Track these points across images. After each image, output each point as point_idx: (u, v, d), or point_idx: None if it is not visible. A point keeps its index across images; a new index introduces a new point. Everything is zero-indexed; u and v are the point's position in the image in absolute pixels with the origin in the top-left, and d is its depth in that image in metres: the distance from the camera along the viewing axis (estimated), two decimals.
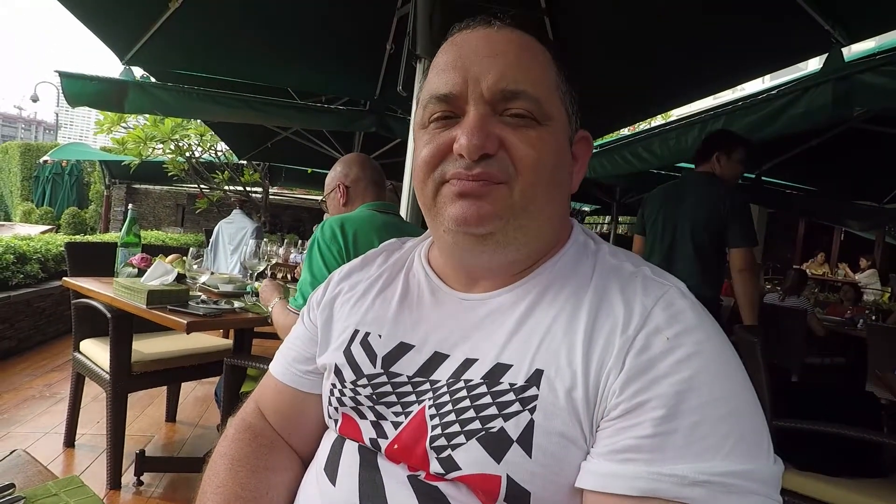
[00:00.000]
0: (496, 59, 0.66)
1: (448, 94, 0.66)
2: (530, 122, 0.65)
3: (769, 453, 0.56)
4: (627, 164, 3.48)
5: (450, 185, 0.66)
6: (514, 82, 0.65)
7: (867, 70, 2.00)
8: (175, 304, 2.08)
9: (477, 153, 0.63)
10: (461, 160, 0.65)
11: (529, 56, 0.67)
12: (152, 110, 3.85)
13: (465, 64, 0.66)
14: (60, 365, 4.09)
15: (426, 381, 0.69)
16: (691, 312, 0.62)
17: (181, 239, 9.23)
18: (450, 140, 0.66)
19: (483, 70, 0.65)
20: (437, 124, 0.68)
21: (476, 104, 0.65)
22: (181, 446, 2.91)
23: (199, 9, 3.05)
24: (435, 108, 0.68)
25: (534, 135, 0.65)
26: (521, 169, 0.65)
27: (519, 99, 0.65)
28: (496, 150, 0.64)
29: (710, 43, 2.87)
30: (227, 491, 0.74)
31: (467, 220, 0.65)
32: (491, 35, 0.68)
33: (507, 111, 0.65)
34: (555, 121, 0.67)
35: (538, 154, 0.65)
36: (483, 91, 0.65)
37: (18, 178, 16.64)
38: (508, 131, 0.65)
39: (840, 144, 4.30)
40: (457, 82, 0.66)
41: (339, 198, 2.03)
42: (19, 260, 4.50)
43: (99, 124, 7.96)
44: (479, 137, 0.63)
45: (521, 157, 0.65)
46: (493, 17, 0.70)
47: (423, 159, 0.68)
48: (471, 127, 0.64)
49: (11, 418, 3.02)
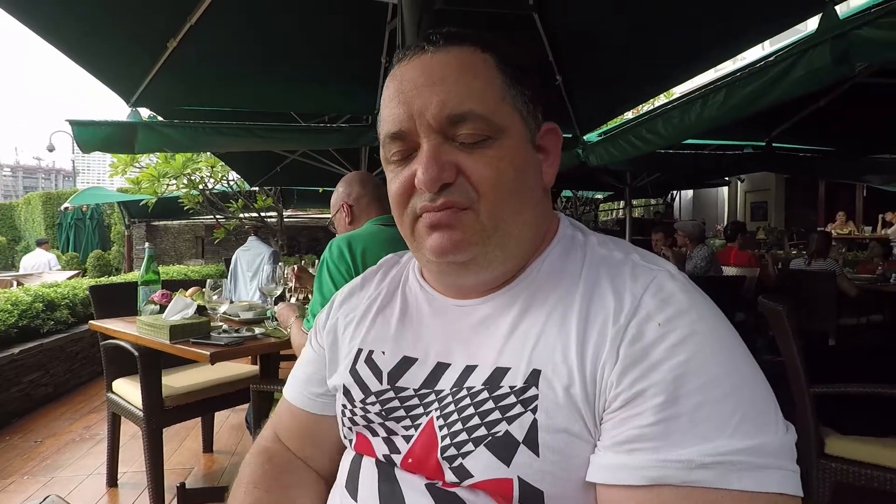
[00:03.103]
0: (435, 87, 0.65)
1: (398, 132, 0.67)
2: (484, 140, 0.65)
3: (777, 424, 0.55)
4: (634, 147, 3.44)
5: (423, 218, 0.68)
6: (458, 105, 0.65)
7: (864, 25, 1.94)
8: (198, 337, 2.12)
9: (435, 185, 0.64)
10: (425, 193, 0.66)
11: (469, 72, 0.67)
12: (162, 148, 3.91)
13: (407, 98, 0.66)
14: (97, 406, 4.18)
15: (431, 391, 0.70)
16: (682, 294, 0.61)
17: (202, 271, 9.36)
18: (411, 175, 0.67)
19: (424, 101, 0.65)
20: (397, 160, 0.70)
21: (427, 136, 0.66)
22: (220, 475, 2.95)
23: (196, 45, 3.12)
24: (392, 147, 0.69)
25: (489, 153, 0.65)
26: (483, 191, 0.65)
27: (467, 121, 0.65)
28: (454, 177, 0.65)
29: (704, 15, 2.84)
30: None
31: (444, 251, 0.66)
32: (426, 62, 0.68)
33: (457, 136, 0.65)
34: (509, 129, 0.67)
35: (496, 172, 0.65)
36: (430, 121, 0.65)
37: (42, 227, 17.09)
38: (463, 156, 0.65)
39: (849, 101, 4.20)
40: (403, 119, 0.66)
41: (345, 217, 2.06)
42: (48, 307, 4.62)
43: (113, 166, 8.16)
44: (434, 170, 0.64)
45: (480, 181, 0.65)
46: (425, 40, 0.69)
47: (393, 197, 0.70)
48: (425, 161, 0.65)
49: (54, 463, 3.10)
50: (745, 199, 13.75)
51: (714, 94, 2.64)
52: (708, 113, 2.64)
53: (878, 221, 10.75)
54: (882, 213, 10.71)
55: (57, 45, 2.93)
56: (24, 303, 4.34)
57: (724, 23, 2.86)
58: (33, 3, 2.68)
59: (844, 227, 10.94)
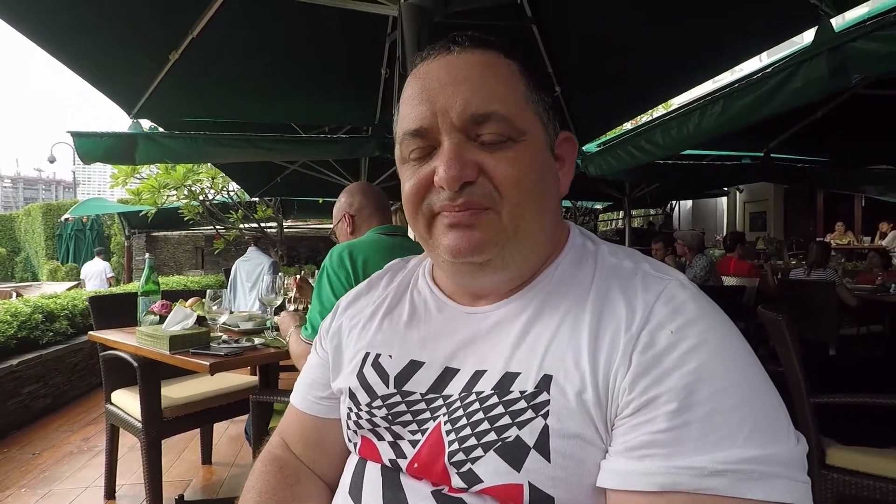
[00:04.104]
0: (460, 85, 0.65)
1: (419, 129, 0.67)
2: (505, 141, 0.66)
3: (789, 434, 0.56)
4: (632, 157, 3.46)
5: (441, 217, 0.68)
6: (482, 105, 0.65)
7: (859, 37, 1.96)
8: (197, 347, 2.11)
9: (457, 184, 0.64)
10: (444, 192, 0.65)
11: (493, 74, 0.67)
12: (162, 159, 3.93)
13: (431, 96, 0.66)
14: (96, 418, 4.16)
15: (439, 396, 0.70)
16: (693, 303, 0.62)
17: (202, 281, 9.37)
18: (430, 173, 0.67)
19: (449, 99, 0.65)
20: (416, 157, 0.69)
21: (449, 134, 0.66)
22: (219, 487, 2.93)
23: (198, 57, 3.14)
24: (411, 145, 0.69)
25: (511, 154, 0.65)
26: (505, 192, 0.65)
27: (490, 121, 0.65)
28: (476, 176, 0.65)
29: (702, 27, 2.87)
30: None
31: (461, 251, 0.66)
32: (451, 62, 0.68)
33: (480, 136, 0.65)
34: (530, 133, 0.67)
35: (518, 173, 0.65)
36: (453, 120, 0.65)
37: (42, 238, 17.13)
38: (485, 156, 0.65)
39: (846, 112, 4.23)
40: (426, 116, 0.66)
41: (346, 227, 2.07)
42: (48, 318, 4.61)
43: (114, 177, 8.20)
44: (456, 168, 0.64)
45: (502, 180, 0.65)
46: (451, 41, 0.69)
47: (407, 195, 0.70)
48: (447, 158, 0.65)
49: (52, 475, 3.08)
50: (744, 210, 13.78)
51: (712, 106, 2.65)
52: (706, 124, 2.66)
53: (876, 231, 10.78)
54: (877, 224, 10.75)
55: (59, 56, 2.95)
56: (23, 314, 4.33)
57: (722, 35, 2.89)
58: (36, 16, 2.70)
59: (843, 237, 10.96)
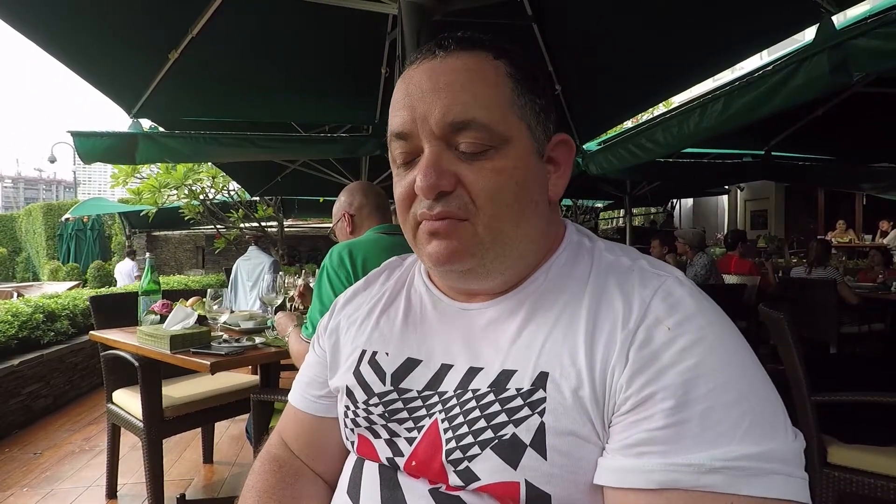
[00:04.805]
0: (439, 92, 0.65)
1: (401, 133, 0.67)
2: (486, 150, 0.65)
3: (787, 430, 0.56)
4: (633, 156, 3.46)
5: (423, 224, 0.68)
6: (461, 112, 0.64)
7: (860, 35, 1.96)
8: (198, 347, 2.11)
9: (432, 193, 0.64)
10: (425, 200, 0.66)
11: (476, 79, 0.65)
12: (162, 158, 3.93)
13: (412, 102, 0.66)
14: (97, 417, 4.16)
15: (435, 393, 0.70)
16: (690, 299, 0.62)
17: (203, 281, 9.38)
18: (412, 181, 0.67)
19: (428, 106, 0.65)
20: (402, 161, 0.69)
21: (429, 142, 0.65)
22: (220, 486, 2.93)
23: (197, 56, 3.14)
24: (396, 147, 0.69)
25: (490, 166, 0.65)
26: (481, 204, 0.65)
27: (469, 128, 0.64)
28: (453, 187, 0.65)
29: (701, 26, 2.87)
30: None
31: (440, 260, 0.67)
32: (434, 67, 0.67)
33: (459, 144, 0.65)
34: (514, 140, 0.66)
35: (496, 185, 0.64)
36: (432, 127, 0.65)
37: (43, 238, 17.15)
38: (464, 167, 0.65)
39: (847, 110, 4.22)
40: (407, 122, 0.66)
41: (346, 227, 2.07)
42: (49, 318, 4.61)
43: (114, 177, 8.20)
44: (433, 177, 0.64)
45: (478, 193, 0.64)
46: (437, 45, 0.68)
47: (397, 201, 0.71)
48: (424, 167, 0.65)
49: (54, 475, 3.08)
50: (745, 208, 13.76)
51: (713, 104, 2.65)
52: (707, 122, 2.66)
53: (877, 229, 10.77)
54: (878, 222, 10.74)
55: (59, 57, 2.95)
56: (24, 314, 4.33)
57: (723, 33, 2.89)
58: (35, 16, 2.70)
59: (844, 235, 10.95)
